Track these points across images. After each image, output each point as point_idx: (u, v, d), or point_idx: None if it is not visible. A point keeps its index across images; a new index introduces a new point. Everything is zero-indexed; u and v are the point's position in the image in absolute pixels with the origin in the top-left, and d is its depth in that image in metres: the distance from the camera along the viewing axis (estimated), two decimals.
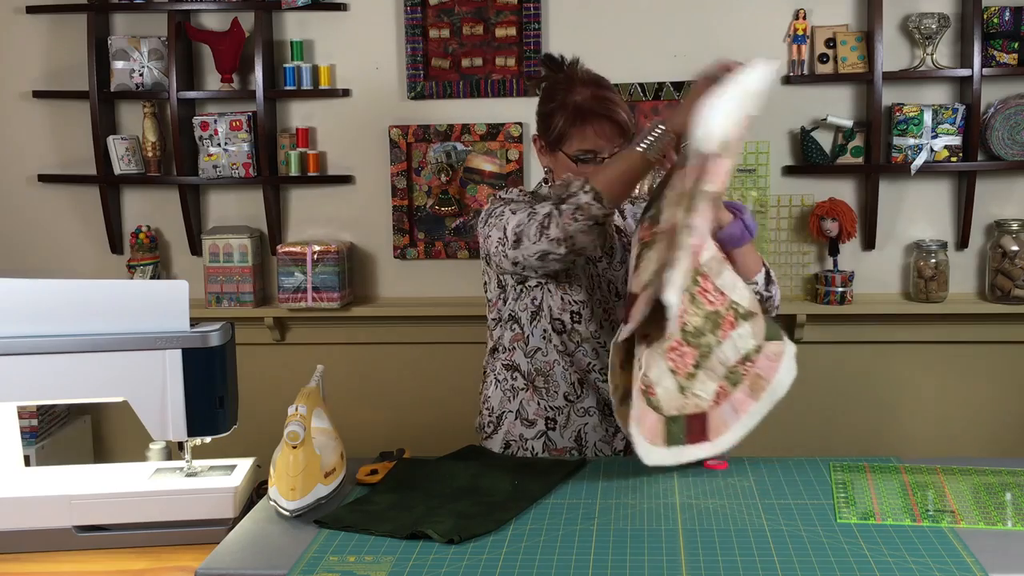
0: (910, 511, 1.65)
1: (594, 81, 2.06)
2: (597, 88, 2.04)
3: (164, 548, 1.77)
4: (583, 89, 2.03)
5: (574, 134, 2.01)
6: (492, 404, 2.19)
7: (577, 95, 2.02)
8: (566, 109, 2.02)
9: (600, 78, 2.09)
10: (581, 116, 2.00)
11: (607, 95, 2.03)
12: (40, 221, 3.61)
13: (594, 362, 2.09)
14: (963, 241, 3.28)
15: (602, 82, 2.07)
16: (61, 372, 1.78)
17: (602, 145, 2.00)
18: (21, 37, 3.53)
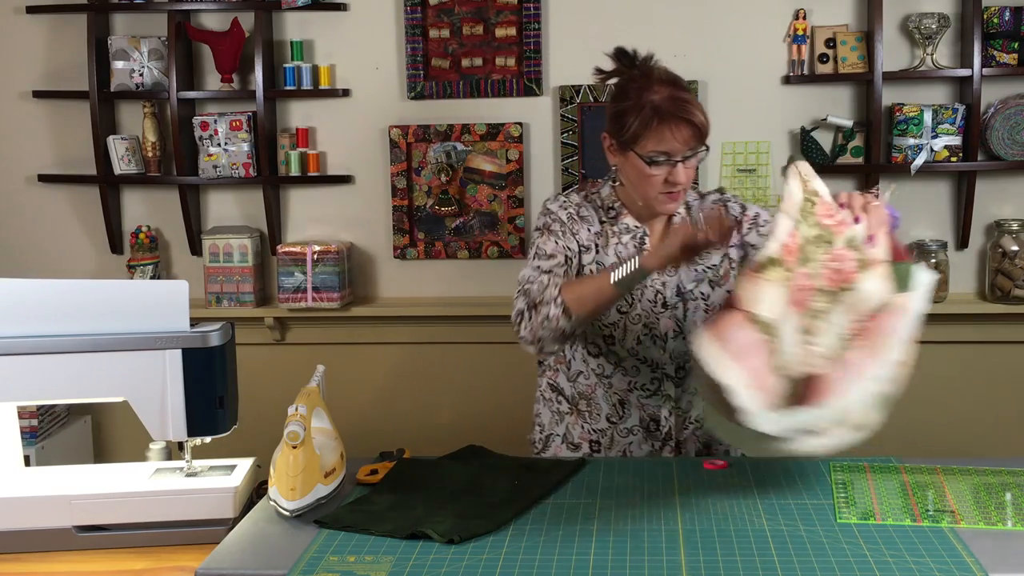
0: (910, 511, 1.65)
1: (672, 81, 1.98)
2: (675, 88, 1.96)
3: (164, 548, 1.77)
4: (661, 88, 1.95)
5: (649, 135, 1.94)
6: (543, 422, 2.20)
7: (654, 94, 1.94)
8: (642, 109, 1.94)
9: (677, 77, 2.00)
10: (658, 117, 1.93)
11: (684, 96, 1.96)
12: (40, 221, 3.61)
13: (635, 379, 2.07)
14: (963, 241, 3.28)
15: (679, 82, 1.99)
16: (61, 372, 1.78)
17: (677, 148, 1.94)
18: (21, 37, 3.53)
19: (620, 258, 2.03)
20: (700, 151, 1.97)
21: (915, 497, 1.72)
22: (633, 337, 2.05)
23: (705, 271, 2.07)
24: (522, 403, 3.42)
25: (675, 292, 2.06)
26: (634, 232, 2.07)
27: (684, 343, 2.04)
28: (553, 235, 2.05)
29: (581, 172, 3.36)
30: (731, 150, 3.33)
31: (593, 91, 3.32)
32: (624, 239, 2.07)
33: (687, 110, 1.93)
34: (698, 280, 2.07)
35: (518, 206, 3.39)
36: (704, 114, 1.96)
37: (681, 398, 2.08)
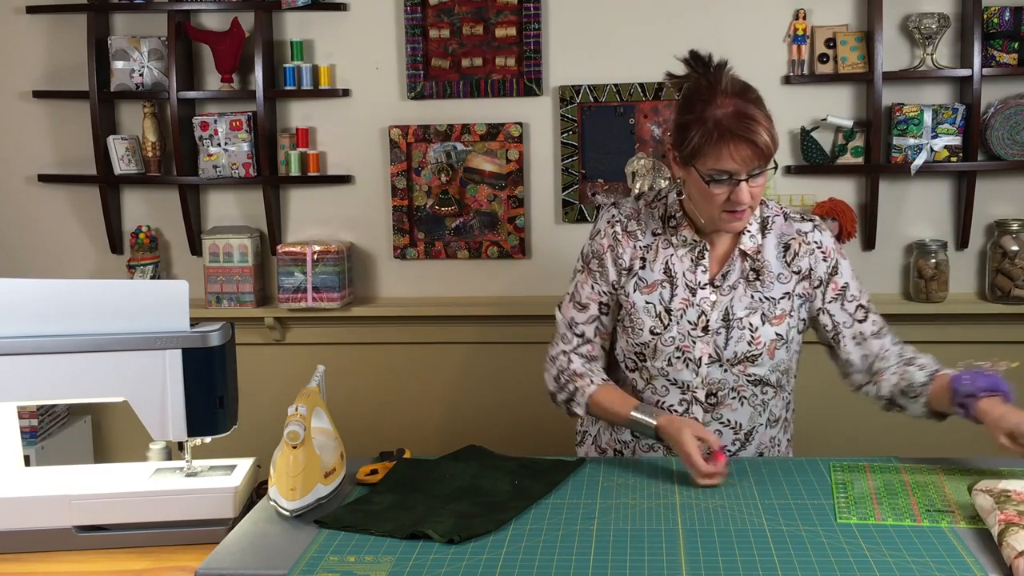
0: (910, 511, 1.65)
1: (739, 94, 1.85)
2: (741, 102, 1.84)
3: (164, 548, 1.77)
4: (725, 102, 1.84)
5: (709, 152, 1.84)
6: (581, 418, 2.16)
7: (718, 109, 1.83)
8: (704, 124, 1.84)
9: (746, 89, 1.88)
10: (719, 134, 1.82)
11: (750, 112, 1.83)
12: (40, 221, 3.61)
13: (663, 399, 2.01)
14: (963, 241, 3.28)
15: (748, 95, 1.86)
16: (61, 372, 1.78)
17: (737, 168, 1.83)
18: (21, 37, 3.53)
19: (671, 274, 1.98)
20: (766, 169, 1.87)
21: (915, 497, 1.72)
22: (664, 358, 1.98)
23: (761, 301, 1.97)
24: (522, 403, 3.43)
25: (721, 317, 1.96)
26: (693, 246, 1.99)
27: (719, 370, 1.98)
28: (591, 277, 2.05)
29: (581, 172, 3.36)
30: None
31: (593, 91, 3.32)
32: (680, 252, 1.99)
33: (750, 129, 1.82)
34: (750, 309, 1.97)
35: (518, 206, 3.39)
36: (770, 132, 1.84)
37: (709, 424, 2.00)
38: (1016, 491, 1.61)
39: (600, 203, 2.00)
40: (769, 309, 1.97)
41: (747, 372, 1.98)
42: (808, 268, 2.01)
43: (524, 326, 3.38)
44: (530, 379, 3.46)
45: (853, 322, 2.03)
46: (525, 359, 3.45)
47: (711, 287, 1.98)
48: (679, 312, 1.97)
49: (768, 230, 2.01)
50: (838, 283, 2.02)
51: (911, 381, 1.98)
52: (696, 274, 1.98)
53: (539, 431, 3.41)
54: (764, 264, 1.99)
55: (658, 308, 1.98)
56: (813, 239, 2.02)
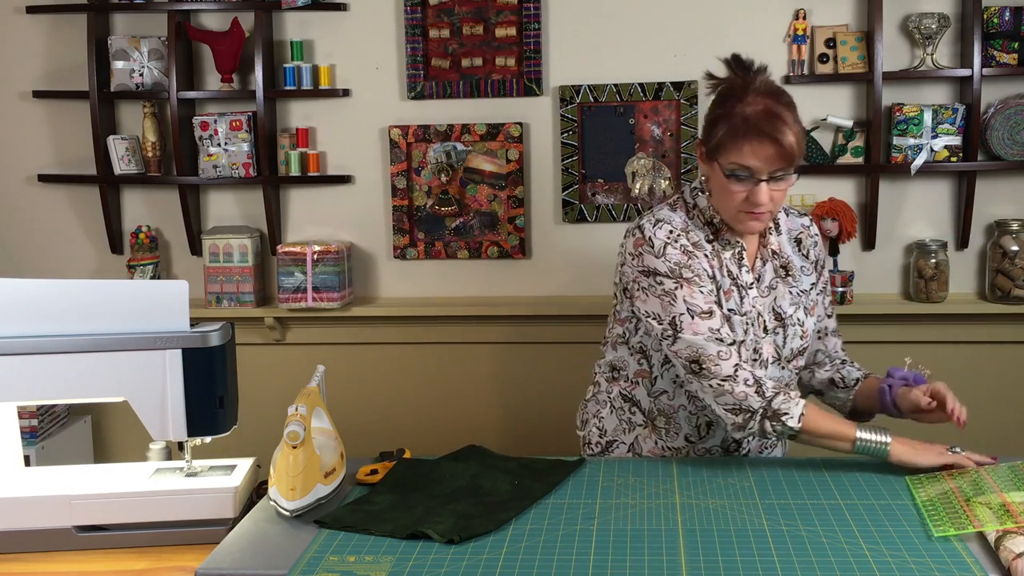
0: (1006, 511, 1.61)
1: (771, 94, 1.86)
2: (772, 102, 1.85)
3: (164, 548, 1.77)
4: (756, 100, 1.85)
5: (731, 147, 1.85)
6: (606, 427, 2.12)
7: (748, 106, 1.85)
8: (731, 119, 1.86)
9: (780, 93, 1.88)
10: (744, 130, 1.84)
11: (779, 112, 1.84)
12: (40, 221, 3.61)
13: None
14: (963, 241, 3.28)
15: (780, 97, 1.87)
16: (61, 372, 1.78)
17: (759, 166, 1.84)
18: (21, 37, 3.53)
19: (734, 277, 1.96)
20: (789, 174, 1.87)
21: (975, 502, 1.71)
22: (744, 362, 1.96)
23: (799, 295, 2.01)
24: (522, 403, 3.43)
25: (774, 316, 1.99)
26: (734, 247, 1.98)
27: (778, 368, 2.00)
28: (693, 285, 1.92)
29: (581, 172, 3.36)
30: None
31: (593, 91, 3.32)
32: (727, 254, 1.97)
33: (777, 128, 1.82)
34: (795, 304, 2.01)
35: (518, 206, 3.39)
36: (797, 137, 1.85)
37: None
38: (1011, 503, 1.61)
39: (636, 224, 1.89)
40: (806, 302, 2.05)
41: (797, 366, 2.05)
42: (816, 258, 2.09)
43: (524, 326, 3.38)
44: (530, 379, 3.47)
45: (825, 316, 2.12)
46: (525, 359, 3.46)
47: (757, 288, 2.00)
48: (752, 313, 1.98)
49: (779, 227, 2.07)
50: (824, 276, 2.11)
51: (845, 376, 2.12)
52: (741, 275, 1.99)
53: (539, 431, 3.41)
54: (788, 260, 2.04)
55: (735, 315, 1.96)
56: (814, 232, 2.11)
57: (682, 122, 3.30)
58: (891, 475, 1.84)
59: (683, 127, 3.30)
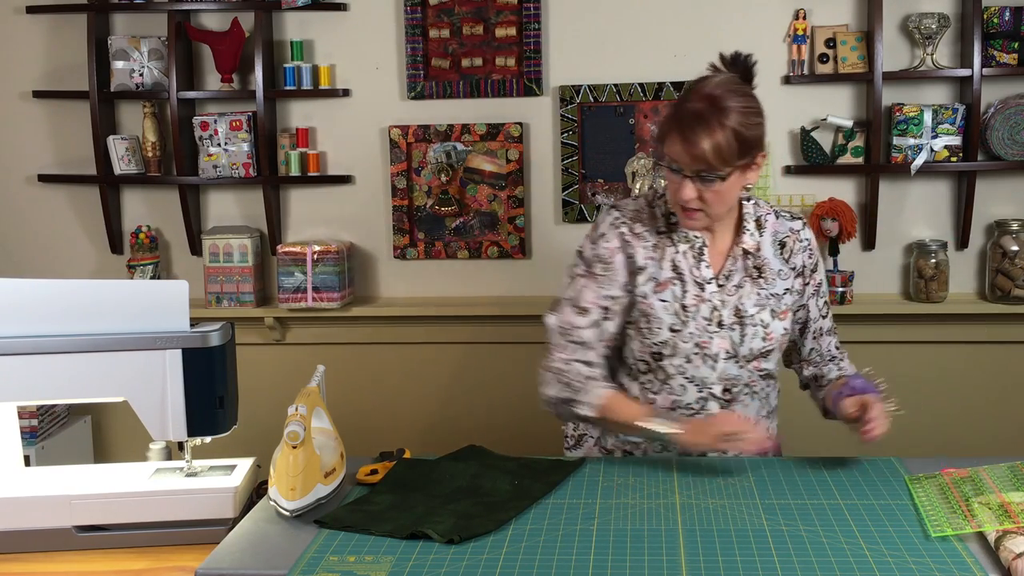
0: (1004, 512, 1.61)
1: (712, 97, 1.86)
2: (707, 105, 1.85)
3: (164, 548, 1.77)
4: (697, 100, 1.87)
5: (666, 139, 1.89)
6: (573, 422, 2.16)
7: (688, 103, 1.87)
8: (673, 112, 1.90)
9: (728, 96, 1.87)
10: (676, 126, 1.87)
11: (708, 116, 1.84)
12: (40, 221, 3.61)
13: (680, 398, 2.01)
14: (963, 241, 3.28)
15: (722, 101, 1.85)
16: (61, 372, 1.78)
17: (684, 162, 1.86)
18: (21, 37, 3.53)
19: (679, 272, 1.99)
20: (716, 178, 1.86)
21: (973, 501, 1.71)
22: (683, 355, 1.98)
23: (768, 298, 2.00)
24: (522, 403, 3.43)
25: (733, 313, 1.98)
26: (692, 242, 2.00)
27: (735, 366, 2.00)
28: (594, 281, 2.00)
29: (581, 172, 3.36)
30: None
31: (593, 91, 3.32)
32: (682, 248, 2.00)
33: (695, 131, 1.83)
34: (760, 306, 1.99)
35: (518, 206, 3.39)
36: (719, 143, 1.83)
37: None
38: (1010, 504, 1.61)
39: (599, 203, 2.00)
40: (775, 305, 2.02)
41: (760, 368, 2.03)
42: (802, 265, 2.07)
43: (524, 326, 3.38)
44: (530, 379, 3.45)
45: (819, 317, 2.11)
46: (525, 359, 3.45)
47: (716, 284, 2.00)
48: (694, 308, 1.98)
49: (763, 228, 2.04)
50: (816, 279, 2.10)
51: (825, 374, 2.14)
52: (701, 270, 1.99)
53: (539, 431, 3.41)
54: (764, 261, 2.02)
55: (674, 306, 1.98)
56: (804, 236, 2.09)
57: None
58: (891, 475, 1.84)
59: None
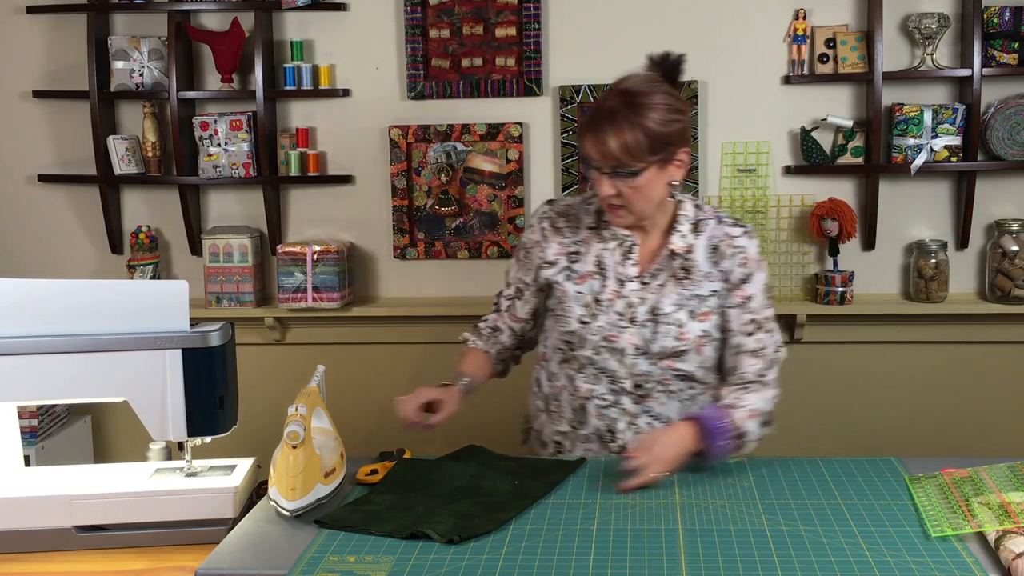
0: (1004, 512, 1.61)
1: (626, 93, 1.91)
2: (622, 102, 1.90)
3: (164, 548, 1.77)
4: (611, 97, 1.92)
5: (583, 136, 1.95)
6: (528, 413, 2.24)
7: (604, 101, 1.93)
8: (592, 110, 1.95)
9: (643, 94, 1.91)
10: (590, 124, 1.92)
11: (618, 113, 1.89)
12: (40, 221, 3.61)
13: (594, 388, 2.06)
14: (963, 241, 3.28)
15: (637, 98, 1.90)
16: (61, 372, 1.78)
17: (597, 159, 1.93)
18: (21, 37, 3.53)
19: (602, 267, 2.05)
20: (632, 173, 1.91)
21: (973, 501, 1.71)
22: (591, 347, 2.04)
23: (690, 299, 2.02)
24: (521, 402, 3.42)
25: (648, 311, 2.01)
26: (622, 240, 2.05)
27: (646, 362, 2.02)
28: (518, 263, 2.18)
29: (581, 172, 3.36)
30: (731, 150, 3.33)
31: (593, 91, 3.32)
32: (611, 245, 2.06)
33: (605, 128, 1.88)
34: (678, 306, 2.02)
35: (518, 206, 3.39)
36: (628, 141, 1.87)
37: (639, 416, 2.05)
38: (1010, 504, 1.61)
39: None
40: (696, 306, 2.02)
41: (674, 367, 2.03)
42: (729, 270, 2.04)
43: None
44: (529, 378, 3.46)
45: (740, 333, 2.04)
46: (525, 358, 3.45)
47: (640, 282, 2.03)
48: (608, 302, 2.03)
49: (700, 232, 2.05)
50: (745, 291, 2.04)
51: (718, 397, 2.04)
52: (626, 267, 2.04)
53: None
54: (694, 263, 2.03)
55: (587, 298, 2.04)
56: (739, 243, 2.05)
57: None
58: (891, 475, 1.84)
59: None
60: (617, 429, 2.06)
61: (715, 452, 1.87)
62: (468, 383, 2.12)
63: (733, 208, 3.32)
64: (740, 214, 3.31)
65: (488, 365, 2.21)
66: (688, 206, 2.05)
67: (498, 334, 2.23)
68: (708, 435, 1.86)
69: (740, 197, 3.31)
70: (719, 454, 1.87)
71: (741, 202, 3.32)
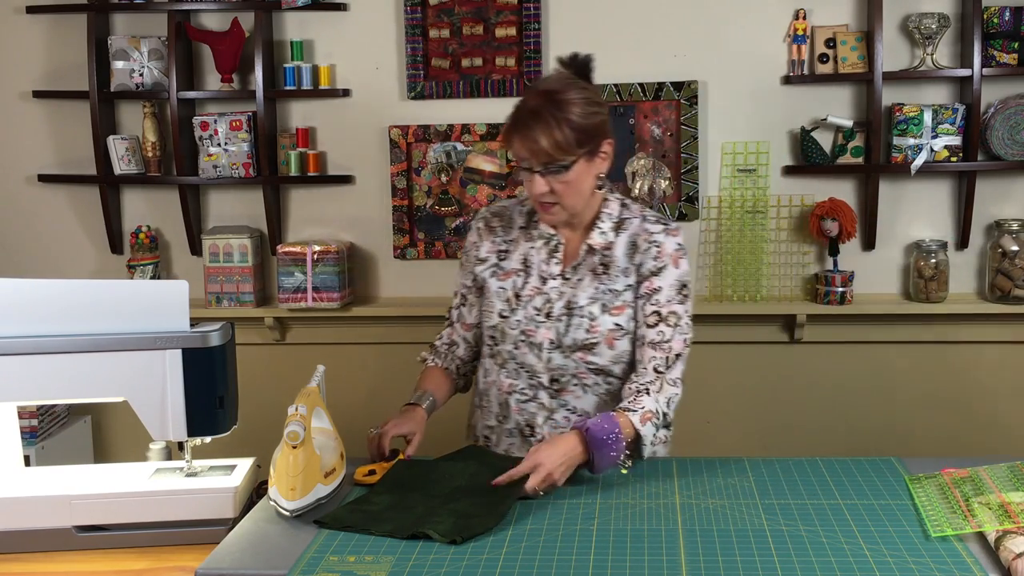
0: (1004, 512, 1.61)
1: (547, 92, 1.94)
2: (543, 101, 1.93)
3: (164, 548, 1.77)
4: (531, 98, 1.95)
5: (510, 140, 1.97)
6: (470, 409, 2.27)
7: (524, 103, 1.96)
8: (512, 112, 1.97)
9: (561, 90, 1.94)
10: (516, 125, 1.95)
11: (542, 111, 1.92)
12: (40, 221, 3.61)
13: (515, 383, 2.10)
14: (963, 241, 3.28)
15: (555, 95, 1.93)
16: (61, 372, 1.78)
17: (528, 159, 1.95)
18: (21, 37, 3.53)
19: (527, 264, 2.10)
20: (563, 167, 1.93)
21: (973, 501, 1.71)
22: (511, 341, 2.08)
23: (605, 293, 2.04)
24: None
25: (564, 305, 2.04)
26: (548, 239, 2.09)
27: (561, 356, 2.04)
28: (461, 268, 2.22)
29: None
30: (731, 150, 3.33)
31: None
32: (538, 244, 2.10)
33: (530, 126, 1.91)
34: (592, 300, 2.04)
35: None
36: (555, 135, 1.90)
37: (556, 410, 2.07)
38: (1010, 504, 1.61)
39: None
40: (610, 300, 2.05)
41: (587, 360, 2.04)
42: (641, 262, 2.06)
43: None
44: None
45: (643, 324, 2.05)
46: None
47: (561, 278, 2.06)
48: (527, 298, 2.07)
49: (623, 230, 2.08)
50: (653, 284, 2.04)
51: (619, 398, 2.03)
52: (550, 265, 2.08)
53: None
54: (613, 259, 2.06)
55: (508, 293, 2.09)
56: (656, 239, 2.06)
57: (682, 122, 3.30)
58: (891, 475, 1.84)
59: (683, 127, 3.30)
60: (536, 423, 2.09)
61: (603, 463, 1.84)
62: (432, 402, 2.14)
63: (733, 208, 3.32)
64: (740, 214, 3.32)
65: (448, 382, 2.23)
66: (613, 205, 2.09)
67: (455, 348, 2.24)
68: (596, 445, 1.83)
69: (740, 197, 3.31)
70: (607, 464, 1.85)
71: (741, 202, 3.32)
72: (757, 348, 3.38)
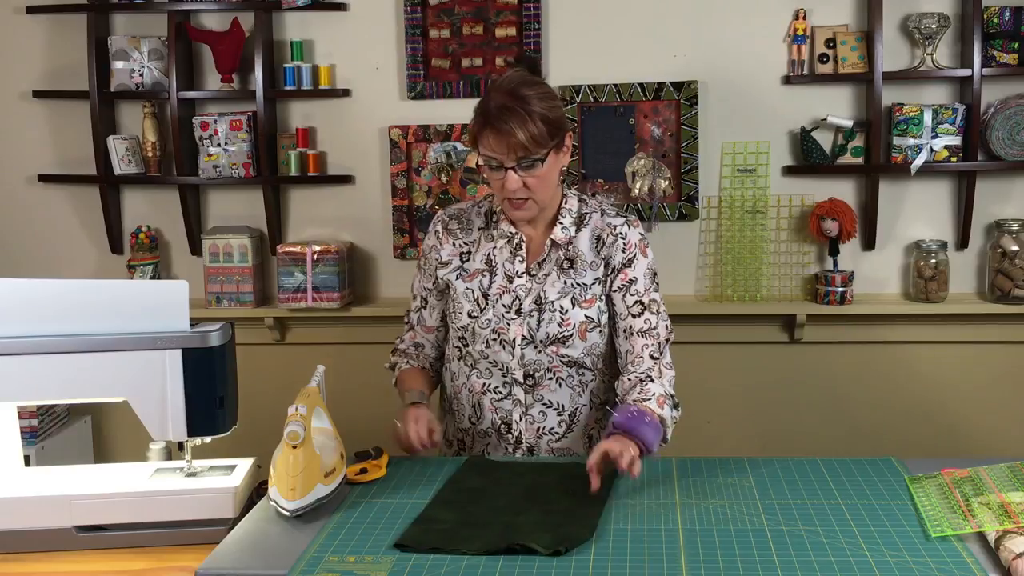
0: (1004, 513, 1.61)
1: (510, 90, 1.96)
2: (509, 97, 1.94)
3: (164, 548, 1.77)
4: (496, 96, 1.96)
5: (480, 139, 1.98)
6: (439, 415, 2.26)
7: (490, 101, 1.96)
8: (479, 113, 1.98)
9: (523, 86, 1.97)
10: (484, 123, 1.96)
11: (512, 106, 1.93)
12: (40, 221, 3.61)
13: (488, 382, 2.11)
14: (963, 241, 3.28)
15: (519, 90, 1.95)
16: (61, 372, 1.78)
17: (501, 156, 1.95)
18: (21, 37, 3.53)
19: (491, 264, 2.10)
20: (536, 161, 1.95)
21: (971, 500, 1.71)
22: (482, 340, 2.08)
23: (573, 287, 2.06)
24: None
25: (534, 300, 2.06)
26: (510, 238, 2.10)
27: (534, 351, 2.06)
28: (420, 272, 2.24)
29: (581, 172, 3.36)
30: (731, 150, 3.33)
31: (593, 91, 3.32)
32: (500, 243, 2.11)
33: (504, 121, 1.92)
34: (562, 294, 2.06)
35: None
36: (534, 129, 1.92)
37: (532, 405, 2.09)
38: (1010, 504, 1.61)
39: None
40: (580, 294, 2.07)
41: (560, 353, 2.06)
42: (609, 256, 2.09)
43: None
44: None
45: (628, 315, 2.08)
46: None
47: (527, 275, 2.08)
48: (495, 297, 2.08)
49: (584, 224, 2.11)
50: (627, 275, 2.08)
51: (622, 395, 2.04)
52: (514, 264, 2.09)
53: None
54: (577, 254, 2.08)
55: (476, 294, 2.10)
56: (620, 231, 2.10)
57: (682, 122, 3.30)
58: (891, 475, 1.84)
59: (683, 127, 3.30)
60: (512, 420, 2.10)
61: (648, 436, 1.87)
62: (427, 400, 2.14)
63: (733, 208, 3.32)
64: (740, 214, 3.32)
65: (429, 379, 2.23)
66: (572, 200, 2.12)
67: (421, 348, 2.25)
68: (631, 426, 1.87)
69: (740, 197, 3.31)
70: (654, 437, 1.89)
71: (741, 202, 3.32)
72: (757, 348, 3.38)
